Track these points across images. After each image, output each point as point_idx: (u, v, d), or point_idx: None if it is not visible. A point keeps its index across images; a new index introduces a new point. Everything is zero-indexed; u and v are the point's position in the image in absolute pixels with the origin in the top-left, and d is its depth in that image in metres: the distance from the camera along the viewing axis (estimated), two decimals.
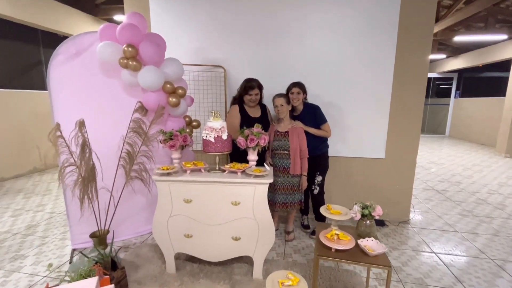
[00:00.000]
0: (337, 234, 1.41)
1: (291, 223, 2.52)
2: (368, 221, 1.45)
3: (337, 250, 1.36)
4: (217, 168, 1.91)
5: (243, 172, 1.84)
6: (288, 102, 2.26)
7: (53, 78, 1.97)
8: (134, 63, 1.93)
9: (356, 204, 1.49)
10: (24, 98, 4.37)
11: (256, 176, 1.75)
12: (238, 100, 2.41)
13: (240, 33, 2.77)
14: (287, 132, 2.25)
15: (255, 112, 2.43)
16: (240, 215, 1.79)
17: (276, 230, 2.48)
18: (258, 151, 1.93)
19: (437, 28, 5.88)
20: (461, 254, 2.29)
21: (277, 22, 2.70)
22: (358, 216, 1.45)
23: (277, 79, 2.69)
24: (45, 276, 1.92)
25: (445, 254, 2.28)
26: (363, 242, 1.38)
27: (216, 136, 1.84)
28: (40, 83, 4.98)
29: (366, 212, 1.42)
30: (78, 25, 5.21)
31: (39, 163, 4.69)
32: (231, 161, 2.23)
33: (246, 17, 2.73)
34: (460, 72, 9.32)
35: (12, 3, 4.05)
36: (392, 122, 2.72)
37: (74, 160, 1.81)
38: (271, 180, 1.75)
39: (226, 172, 1.85)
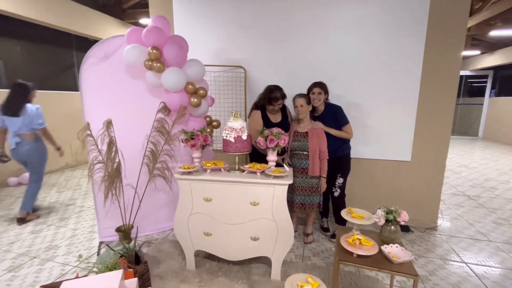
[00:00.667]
0: (359, 239, 1.37)
1: (310, 225, 2.48)
2: (392, 227, 1.39)
3: (359, 256, 1.31)
4: (236, 168, 1.92)
5: (263, 172, 1.83)
6: (309, 102, 2.22)
7: (84, 80, 2.09)
8: (158, 64, 1.99)
9: (379, 208, 1.43)
10: (58, 99, 4.68)
11: (276, 177, 1.74)
12: (260, 106, 2.39)
13: (261, 33, 2.76)
14: (306, 132, 2.22)
15: (276, 117, 2.41)
16: (259, 215, 1.79)
17: (294, 231, 2.45)
18: (278, 151, 1.92)
19: (470, 23, 5.50)
20: (496, 265, 2.12)
21: (299, 20, 2.67)
22: (382, 221, 1.39)
23: (298, 79, 2.65)
24: (75, 266, 2.04)
25: (477, 264, 2.13)
26: (387, 249, 1.33)
27: (236, 136, 1.85)
28: (73, 85, 5.30)
29: (391, 217, 1.36)
30: (106, 29, 5.49)
31: (71, 160, 5.00)
32: (251, 161, 2.24)
33: (267, 16, 2.72)
34: (496, 69, 8.65)
35: (49, 11, 4.35)
36: (419, 122, 2.59)
37: (102, 157, 1.91)
38: (291, 181, 1.73)
39: (246, 172, 1.86)
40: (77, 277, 1.48)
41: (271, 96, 2.25)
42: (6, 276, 1.92)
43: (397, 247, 1.34)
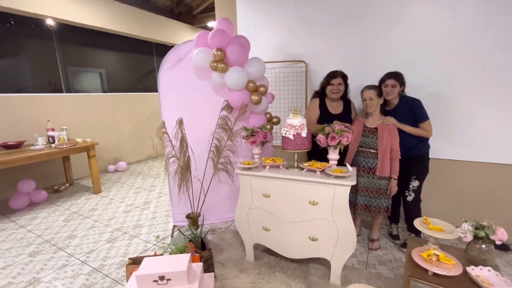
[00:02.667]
0: (437, 255, 1.17)
1: (376, 230, 2.27)
2: (484, 246, 1.14)
3: (435, 274, 1.13)
4: (295, 165, 1.90)
5: (323, 171, 1.76)
6: (380, 95, 2.00)
7: (161, 83, 2.37)
8: (222, 65, 2.11)
9: (466, 222, 1.20)
10: (142, 99, 5.47)
11: (337, 177, 1.65)
12: (320, 94, 2.31)
13: (323, 23, 2.62)
14: (375, 128, 2.01)
15: (336, 108, 2.27)
16: (318, 215, 1.73)
17: (358, 235, 2.28)
18: (340, 150, 1.80)
19: None
20: None
21: (365, 3, 2.42)
22: (469, 238, 1.16)
23: (366, 71, 2.43)
24: (154, 245, 2.38)
25: None
26: (474, 271, 1.10)
27: (295, 133, 1.82)
28: (154, 87, 6.11)
29: (481, 234, 1.12)
30: (180, 35, 6.10)
31: (153, 152, 5.81)
32: (310, 159, 2.17)
33: (329, 4, 2.56)
34: None
35: (136, 24, 5.09)
36: None
37: (175, 152, 2.15)
38: (354, 183, 1.61)
39: (305, 170, 1.81)
40: (155, 254, 1.72)
41: (330, 73, 2.19)
42: (106, 246, 2.37)
43: (489, 270, 1.10)
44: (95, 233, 2.60)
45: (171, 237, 2.47)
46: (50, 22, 4.13)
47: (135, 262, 1.76)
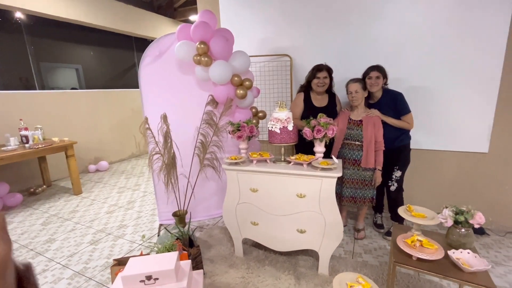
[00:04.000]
0: (420, 241, 1.22)
1: (362, 221, 2.33)
2: (463, 230, 1.20)
3: (419, 259, 1.18)
4: (282, 159, 1.90)
5: (309, 164, 1.77)
6: (364, 88, 2.04)
7: (142, 78, 2.29)
8: (206, 59, 2.06)
9: (447, 208, 1.25)
10: (123, 96, 5.27)
11: (323, 169, 1.66)
12: (306, 87, 2.32)
13: (307, 17, 2.62)
14: (360, 121, 2.05)
15: (321, 101, 2.29)
16: (306, 208, 1.74)
17: (344, 226, 2.33)
18: (326, 142, 1.82)
19: None
20: None
21: None
22: (450, 223, 1.21)
23: (350, 64, 2.47)
24: (140, 244, 2.32)
25: None
26: (455, 254, 1.15)
27: (281, 127, 1.82)
28: (135, 83, 5.91)
29: (461, 219, 1.17)
30: (161, 29, 5.92)
31: (136, 150, 5.64)
32: (297, 152, 2.18)
33: (313, 0, 2.56)
34: None
35: (114, 17, 4.87)
36: (502, 106, 2.17)
37: (159, 148, 2.09)
38: (339, 174, 1.63)
39: (292, 163, 1.82)
40: (141, 254, 1.67)
41: (315, 67, 2.21)
42: (89, 248, 2.28)
43: (468, 253, 1.15)
44: (76, 236, 2.49)
45: (158, 236, 2.41)
46: (19, 14, 3.87)
47: (121, 263, 1.71)
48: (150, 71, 2.28)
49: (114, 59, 5.51)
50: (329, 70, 2.22)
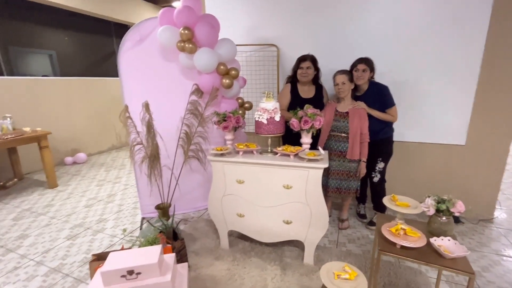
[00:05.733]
0: (404, 229, 1.25)
1: (346, 211, 2.37)
2: (444, 218, 1.24)
3: (403, 247, 1.20)
4: (269, 150, 1.87)
5: (296, 155, 1.76)
6: (351, 80, 2.04)
7: (122, 64, 2.16)
8: (190, 45, 1.97)
9: (429, 197, 1.28)
10: (102, 85, 5.01)
11: (310, 160, 1.66)
12: (292, 78, 2.30)
13: (295, 6, 2.57)
14: (347, 113, 2.06)
15: (307, 93, 2.28)
16: (292, 199, 1.74)
17: (329, 216, 2.37)
18: (313, 133, 1.82)
19: None
20: None
21: None
22: (432, 211, 1.25)
23: (338, 56, 2.47)
24: (121, 238, 2.23)
25: None
26: (437, 242, 1.19)
27: (268, 117, 1.79)
28: (114, 71, 5.63)
29: (443, 207, 1.20)
30: (142, 14, 5.65)
31: (116, 141, 5.42)
32: (284, 144, 2.17)
33: None
34: None
35: None
36: (479, 101, 2.25)
37: (140, 139, 1.99)
38: (326, 165, 1.63)
39: (278, 154, 1.80)
40: (122, 249, 1.60)
41: (299, 57, 2.20)
42: (66, 244, 2.17)
43: (449, 240, 1.19)
44: (51, 231, 2.36)
45: (140, 229, 2.34)
46: None
47: (100, 258, 1.63)
48: (131, 57, 2.16)
49: (92, 45, 5.20)
50: (313, 61, 2.20)
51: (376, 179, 2.25)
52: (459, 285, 1.67)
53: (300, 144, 1.86)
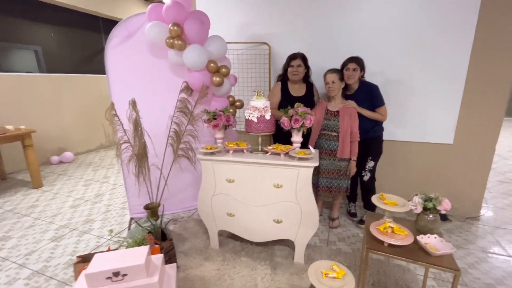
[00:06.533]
0: (392, 227, 1.25)
1: (336, 210, 2.38)
2: (431, 216, 1.25)
3: (390, 245, 1.21)
4: (259, 149, 1.86)
5: (287, 154, 1.75)
6: (342, 79, 2.04)
7: (109, 60, 2.11)
8: (180, 42, 1.93)
9: (416, 195, 1.29)
10: (90, 82, 4.89)
11: (300, 159, 1.65)
12: (282, 77, 2.29)
13: (287, 5, 2.56)
14: (337, 111, 2.06)
15: (298, 91, 2.27)
16: (282, 198, 1.73)
17: (319, 215, 2.37)
18: (303, 132, 1.81)
19: None
20: None
21: None
22: (419, 209, 1.26)
23: (329, 55, 2.47)
24: (108, 239, 2.18)
25: None
26: (423, 239, 1.20)
27: (259, 116, 1.77)
28: (102, 68, 5.51)
29: (430, 205, 1.22)
30: (131, 9, 5.53)
31: (105, 140, 5.30)
32: (275, 142, 2.16)
33: None
34: None
35: None
36: (466, 102, 2.29)
37: (127, 137, 1.95)
38: (316, 164, 1.63)
39: (269, 153, 1.79)
40: (108, 250, 1.56)
41: (289, 55, 2.19)
42: (50, 245, 2.10)
43: (435, 238, 1.21)
44: (35, 232, 2.29)
45: (128, 230, 2.29)
46: None
47: (85, 259, 1.59)
48: (118, 53, 2.11)
49: (79, 42, 5.05)
50: (304, 59, 2.19)
51: (366, 178, 2.26)
52: (446, 282, 1.70)
53: (290, 143, 1.85)
